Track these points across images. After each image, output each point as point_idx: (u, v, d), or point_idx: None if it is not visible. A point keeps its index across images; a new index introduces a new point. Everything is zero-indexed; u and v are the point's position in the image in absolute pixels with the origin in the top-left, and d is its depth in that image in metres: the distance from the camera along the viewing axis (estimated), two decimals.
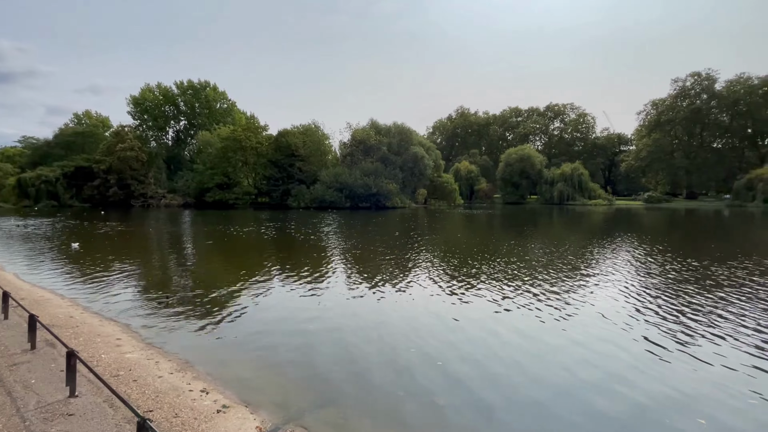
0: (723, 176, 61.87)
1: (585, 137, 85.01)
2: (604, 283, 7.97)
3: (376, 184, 45.85)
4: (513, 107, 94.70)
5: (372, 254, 11.74)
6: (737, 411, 3.20)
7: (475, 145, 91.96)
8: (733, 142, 65.90)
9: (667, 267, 9.59)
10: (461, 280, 8.09)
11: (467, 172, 72.39)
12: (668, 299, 6.68)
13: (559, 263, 10.15)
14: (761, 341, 4.74)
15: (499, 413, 3.20)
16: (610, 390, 3.58)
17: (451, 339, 4.90)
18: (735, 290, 7.24)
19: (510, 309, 6.12)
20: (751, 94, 61.83)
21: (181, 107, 63.42)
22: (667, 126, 66.94)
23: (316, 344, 4.80)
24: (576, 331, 5.11)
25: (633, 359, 4.26)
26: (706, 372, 3.93)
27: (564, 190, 60.96)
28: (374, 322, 5.57)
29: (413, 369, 4.02)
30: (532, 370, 4.00)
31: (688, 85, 66.08)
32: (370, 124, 54.93)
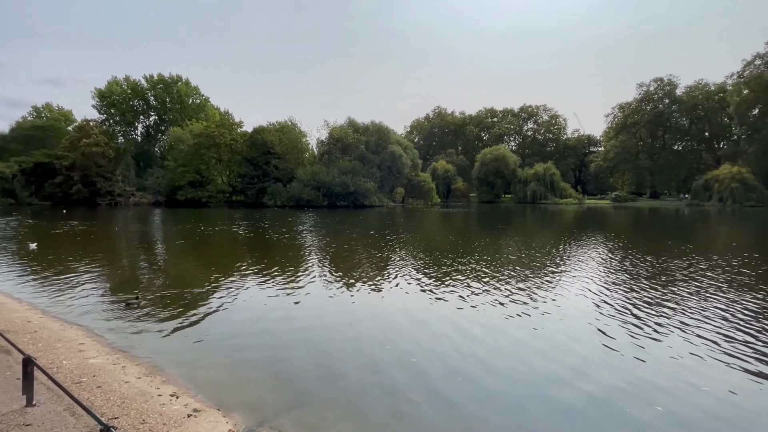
0: (683, 177, 65.41)
1: (557, 138, 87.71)
2: (570, 279, 8.27)
3: (354, 182, 45.70)
4: (488, 108, 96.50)
5: (348, 253, 11.70)
6: (691, 398, 3.39)
7: (452, 144, 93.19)
8: (692, 145, 69.77)
9: (629, 263, 10.05)
10: (435, 278, 8.19)
11: (444, 171, 73.25)
12: (628, 294, 7.01)
13: (529, 261, 10.45)
14: (711, 332, 5.04)
15: (470, 407, 3.28)
16: (572, 382, 3.72)
17: (425, 336, 4.96)
18: (689, 285, 7.67)
19: (481, 306, 6.26)
20: (708, 100, 65.68)
21: (150, 102, 61.00)
22: (632, 128, 70.06)
23: (290, 345, 4.74)
24: (544, 326, 5.28)
25: (595, 351, 4.44)
26: (661, 362, 4.15)
27: (537, 190, 62.75)
28: (349, 321, 5.56)
29: (388, 367, 4.03)
30: (500, 364, 4.11)
31: (651, 89, 69.39)
32: (348, 122, 54.67)
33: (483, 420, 3.15)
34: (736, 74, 60.83)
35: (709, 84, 66.23)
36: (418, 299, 6.73)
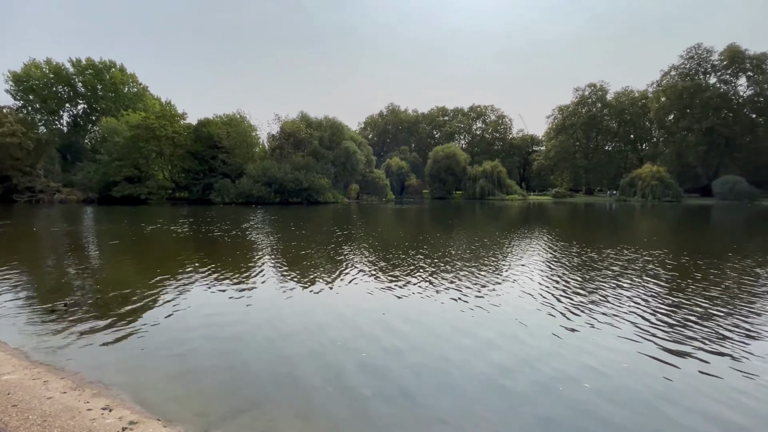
0: (612, 175, 71.85)
1: (503, 137, 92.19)
2: (517, 270, 8.76)
3: (307, 178, 44.83)
4: (440, 107, 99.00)
5: (302, 251, 11.49)
6: (613, 376, 3.77)
7: (406, 141, 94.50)
8: (620, 146, 76.76)
9: (569, 254, 10.87)
10: (390, 274, 8.30)
11: (398, 168, 74.19)
12: (568, 283, 7.58)
13: (479, 254, 10.92)
14: (636, 317, 5.61)
15: (421, 399, 3.37)
16: (516, 369, 3.97)
17: (377, 331, 5.02)
18: (617, 273, 8.46)
19: (435, 299, 6.45)
20: (633, 105, 72.53)
21: (78, 88, 55.27)
22: (570, 129, 75.57)
23: (239, 348, 4.57)
24: (491, 317, 5.56)
25: (538, 339, 4.76)
26: (592, 345, 4.55)
27: (485, 186, 65.65)
28: (301, 321, 5.47)
29: (341, 364, 4.02)
30: (453, 357, 4.25)
31: (586, 94, 75.26)
32: (301, 116, 53.46)
33: (437, 411, 3.26)
34: (655, 83, 67.81)
35: (634, 91, 73.24)
36: (376, 295, 6.78)
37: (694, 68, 62.56)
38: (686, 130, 61.67)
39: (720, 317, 5.48)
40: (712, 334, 4.88)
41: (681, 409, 3.27)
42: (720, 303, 6.15)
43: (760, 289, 6.96)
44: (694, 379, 3.76)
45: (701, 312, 5.73)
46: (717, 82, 61.51)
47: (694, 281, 7.57)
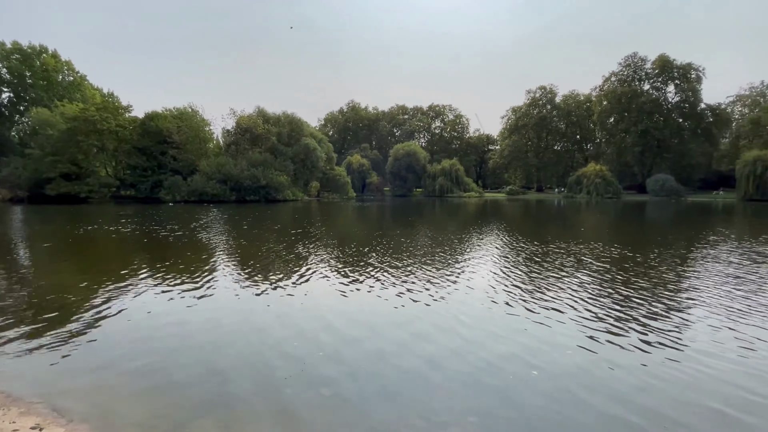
0: (561, 173, 76.38)
1: (461, 136, 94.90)
2: (474, 264, 9.13)
3: (265, 175, 43.60)
4: (400, 105, 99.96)
5: (259, 250, 11.25)
6: (558, 360, 4.09)
7: (366, 139, 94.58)
8: (567, 146, 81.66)
9: (515, 247, 11.51)
10: (341, 272, 8.35)
11: (359, 165, 74.11)
12: (520, 275, 8.04)
13: (431, 250, 11.26)
14: (583, 305, 6.07)
15: (379, 395, 3.44)
16: (469, 358, 4.18)
17: (333, 328, 5.08)
18: (571, 264, 9.08)
19: (393, 297, 6.52)
20: (578, 108, 77.45)
21: (3, 75, 49.87)
22: (522, 130, 79.29)
23: (183, 355, 4.45)
24: (449, 310, 5.80)
25: (491, 329, 5.02)
26: (539, 331, 4.89)
27: (444, 184, 67.38)
28: (240, 324, 5.36)
29: (297, 365, 4.02)
30: (412, 352, 4.37)
31: (537, 96, 79.24)
32: (258, 111, 51.83)
33: (366, 408, 3.34)
34: (598, 87, 72.80)
35: (580, 94, 78.20)
36: (333, 292, 6.81)
37: (631, 75, 67.92)
38: (624, 132, 66.92)
39: (652, 303, 6.09)
40: (643, 319, 5.40)
41: (601, 395, 3.57)
42: (652, 290, 6.83)
43: (686, 278, 7.81)
44: (624, 366, 4.15)
45: (635, 299, 6.33)
46: (650, 89, 67.24)
47: (629, 271, 8.33)
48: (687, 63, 64.78)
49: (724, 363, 4.04)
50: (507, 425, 3.03)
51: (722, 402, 3.32)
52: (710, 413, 3.16)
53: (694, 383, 3.64)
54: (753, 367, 3.98)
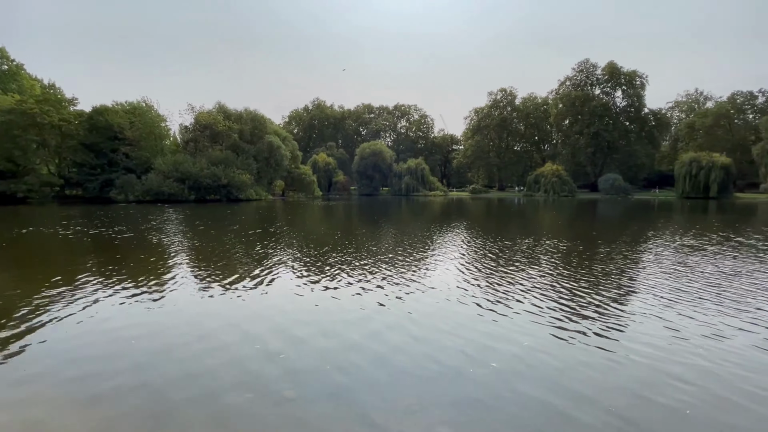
0: (521, 172, 79.63)
1: (426, 136, 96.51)
2: (439, 261, 9.35)
3: (226, 174, 42.16)
4: (366, 104, 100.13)
5: (213, 252, 10.92)
6: (517, 353, 4.29)
7: (332, 137, 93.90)
8: (527, 146, 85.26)
9: (475, 244, 11.93)
10: (306, 272, 8.31)
11: (325, 164, 73.48)
12: (483, 270, 8.35)
13: (404, 246, 11.42)
14: (541, 299, 6.41)
15: (345, 395, 3.47)
16: (418, 355, 4.28)
17: (281, 330, 4.97)
18: (529, 260, 9.54)
19: (359, 296, 6.54)
20: (536, 110, 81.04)
21: None
22: (485, 130, 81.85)
23: (136, 362, 4.22)
24: (403, 309, 5.91)
25: (454, 325, 5.14)
26: (502, 327, 5.07)
27: (410, 183, 68.30)
28: (202, 325, 5.25)
29: (258, 369, 3.94)
30: (379, 350, 4.40)
31: (498, 98, 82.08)
32: (218, 107, 49.98)
33: (363, 404, 3.38)
34: (554, 91, 76.54)
35: (538, 97, 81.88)
36: (297, 293, 6.72)
37: (584, 80, 72.01)
38: (578, 133, 70.85)
39: (596, 295, 6.55)
40: (594, 310, 5.80)
41: (548, 387, 3.76)
42: (597, 283, 7.34)
43: (627, 270, 8.46)
44: (569, 357, 4.44)
45: (581, 291, 6.78)
46: (600, 94, 71.62)
47: (577, 265, 8.89)
48: (632, 70, 69.58)
49: (655, 350, 4.43)
50: (455, 419, 3.13)
51: (664, 391, 3.61)
52: (651, 405, 3.42)
53: (631, 371, 3.91)
54: (681, 353, 4.41)
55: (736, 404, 3.31)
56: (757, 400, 3.36)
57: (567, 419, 3.12)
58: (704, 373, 3.84)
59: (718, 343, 4.54)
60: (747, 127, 70.48)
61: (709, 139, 69.67)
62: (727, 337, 4.73)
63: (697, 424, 3.03)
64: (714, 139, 69.68)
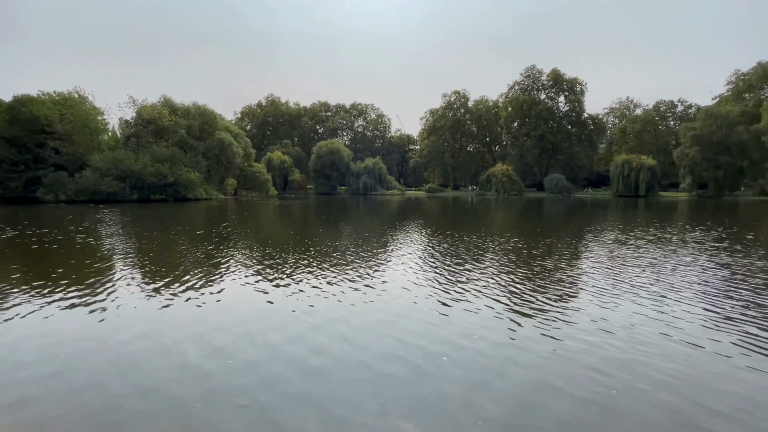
0: (474, 172, 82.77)
1: (383, 135, 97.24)
2: (396, 260, 9.52)
3: (173, 172, 39.70)
4: (322, 101, 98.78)
5: (164, 255, 10.32)
6: (468, 347, 4.45)
7: (287, 135, 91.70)
8: (479, 147, 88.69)
9: (440, 241, 12.31)
10: (263, 273, 8.04)
11: (280, 162, 71.61)
12: (439, 268, 8.63)
13: (361, 245, 11.49)
14: (493, 293, 6.77)
15: (302, 399, 3.41)
16: (392, 353, 4.33)
17: (246, 334, 4.81)
18: (482, 257, 9.99)
19: (316, 298, 6.43)
20: (488, 112, 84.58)
21: None
22: (439, 131, 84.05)
23: (69, 380, 3.80)
24: (362, 308, 5.99)
25: (411, 322, 5.25)
26: (453, 323, 5.25)
27: (368, 182, 68.49)
28: (159, 330, 4.91)
29: (207, 375, 3.74)
30: (326, 352, 4.37)
31: (452, 100, 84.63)
32: (163, 101, 46.94)
33: (331, 406, 3.38)
34: (504, 94, 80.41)
35: (489, 100, 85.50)
36: (252, 296, 6.54)
37: (531, 85, 76.38)
38: (526, 136, 75.07)
39: (542, 288, 7.07)
40: (539, 305, 6.26)
41: (502, 377, 4.01)
42: (543, 276, 7.90)
43: (570, 265, 9.17)
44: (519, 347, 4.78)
45: (528, 284, 7.27)
46: (545, 98, 76.37)
47: (525, 260, 9.51)
48: (574, 77, 74.91)
49: (587, 345, 4.89)
50: (414, 415, 3.16)
51: (587, 384, 4.01)
52: (580, 397, 3.80)
53: (578, 361, 4.19)
54: (608, 345, 4.91)
55: (645, 391, 3.73)
56: (664, 387, 3.63)
57: (509, 409, 3.37)
58: (619, 363, 4.15)
59: (631, 332, 4.88)
60: (669, 133, 78.76)
61: (638, 143, 76.94)
62: (641, 325, 5.25)
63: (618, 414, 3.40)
64: (642, 142, 77.08)
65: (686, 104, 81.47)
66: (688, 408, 3.17)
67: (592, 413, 3.10)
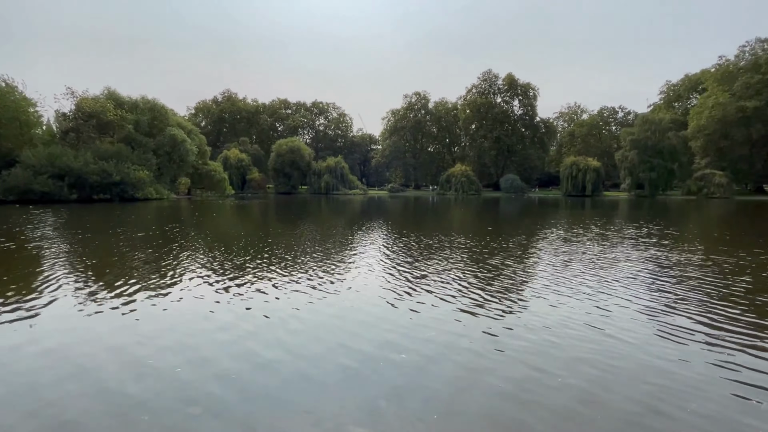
0: (434, 172, 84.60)
1: (345, 135, 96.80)
2: (359, 259, 9.60)
3: (119, 170, 37.07)
4: (282, 99, 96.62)
5: (111, 259, 9.71)
6: (426, 341, 4.60)
7: (245, 132, 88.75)
8: (439, 148, 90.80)
9: (402, 241, 12.54)
10: (213, 278, 7.54)
11: (238, 160, 69.16)
12: (402, 267, 8.80)
13: (324, 246, 11.44)
14: (451, 290, 7.03)
15: (254, 404, 3.35)
16: (354, 345, 4.42)
17: (193, 342, 4.61)
18: (443, 254, 10.30)
19: (275, 300, 6.32)
20: (447, 114, 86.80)
21: None
22: (401, 132, 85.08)
23: (33, 381, 3.71)
24: (335, 309, 6.02)
25: (374, 321, 5.31)
26: (414, 319, 5.45)
27: (330, 181, 67.87)
28: (102, 341, 4.57)
29: (155, 386, 3.56)
30: (304, 353, 4.34)
31: (413, 101, 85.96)
32: (107, 93, 43.64)
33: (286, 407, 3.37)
34: (462, 97, 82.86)
35: (448, 102, 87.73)
36: (203, 300, 6.31)
37: (487, 89, 79.33)
38: (483, 137, 77.91)
39: (495, 283, 7.45)
40: (488, 300, 6.59)
41: (462, 370, 4.31)
42: (495, 273, 8.33)
43: (524, 261, 9.73)
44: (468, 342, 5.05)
45: (482, 280, 7.65)
46: (501, 102, 79.68)
47: (481, 257, 9.96)
48: (527, 83, 78.76)
49: (532, 343, 5.28)
50: (368, 414, 3.24)
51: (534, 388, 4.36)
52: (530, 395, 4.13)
53: (505, 361, 4.62)
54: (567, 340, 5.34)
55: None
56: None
57: (460, 402, 3.62)
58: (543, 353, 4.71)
59: (566, 325, 5.49)
60: (611, 137, 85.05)
61: (585, 146, 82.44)
62: (577, 318, 5.82)
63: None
64: (588, 145, 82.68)
65: (626, 111, 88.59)
66: (613, 400, 3.51)
67: (514, 406, 3.25)
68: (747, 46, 59.62)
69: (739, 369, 3.87)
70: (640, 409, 3.18)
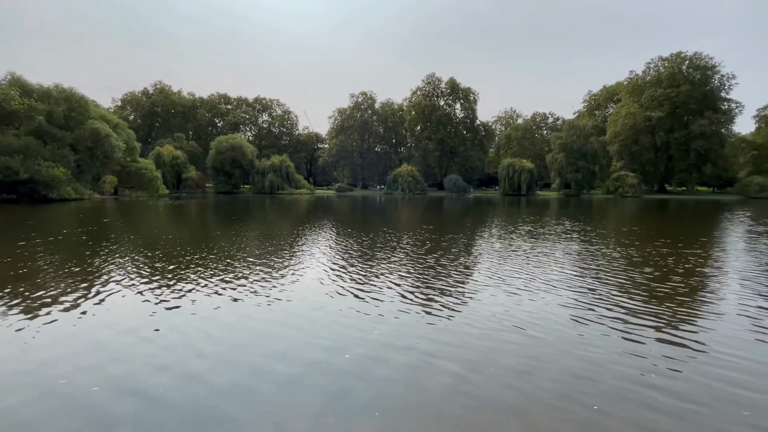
0: (381, 172, 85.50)
1: (290, 133, 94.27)
2: (307, 260, 9.45)
3: (27, 167, 32.87)
4: (221, 93, 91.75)
5: (20, 267, 8.65)
6: (361, 339, 4.79)
7: (181, 128, 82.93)
8: (386, 148, 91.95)
9: (351, 240, 12.55)
10: (159, 284, 7.35)
11: (172, 158, 64.43)
12: (353, 266, 8.83)
13: (268, 248, 11.10)
14: (402, 287, 7.19)
15: (200, 410, 3.30)
16: (336, 348, 4.43)
17: (150, 350, 4.40)
18: (396, 253, 10.47)
19: (218, 306, 6.07)
20: (393, 115, 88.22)
21: None
22: (348, 131, 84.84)
23: None
24: (276, 314, 5.91)
25: (331, 320, 5.35)
26: (353, 318, 5.52)
27: (275, 181, 65.72)
28: (4, 364, 4.28)
29: (108, 398, 3.40)
30: (256, 356, 4.29)
31: (360, 101, 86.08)
32: (11, 79, 38.40)
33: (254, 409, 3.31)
34: (408, 99, 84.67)
35: (394, 103, 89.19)
36: (143, 309, 5.90)
37: (431, 91, 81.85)
38: (427, 139, 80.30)
39: (441, 279, 7.79)
40: (433, 292, 6.88)
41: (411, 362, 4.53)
42: (441, 268, 8.69)
43: (467, 257, 10.23)
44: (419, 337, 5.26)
45: (431, 277, 7.96)
46: (444, 105, 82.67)
47: (425, 253, 10.33)
48: (468, 87, 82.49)
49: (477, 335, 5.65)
50: (317, 413, 3.31)
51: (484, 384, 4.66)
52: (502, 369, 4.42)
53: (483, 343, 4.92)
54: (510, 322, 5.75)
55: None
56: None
57: (409, 395, 3.80)
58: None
59: (497, 318, 6.04)
60: (543, 140, 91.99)
61: (520, 148, 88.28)
62: (508, 310, 6.33)
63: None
64: (523, 148, 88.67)
65: (555, 116, 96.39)
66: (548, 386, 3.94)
67: (457, 399, 3.49)
68: (652, 63, 67.90)
69: (645, 342, 4.50)
70: (563, 388, 3.58)
